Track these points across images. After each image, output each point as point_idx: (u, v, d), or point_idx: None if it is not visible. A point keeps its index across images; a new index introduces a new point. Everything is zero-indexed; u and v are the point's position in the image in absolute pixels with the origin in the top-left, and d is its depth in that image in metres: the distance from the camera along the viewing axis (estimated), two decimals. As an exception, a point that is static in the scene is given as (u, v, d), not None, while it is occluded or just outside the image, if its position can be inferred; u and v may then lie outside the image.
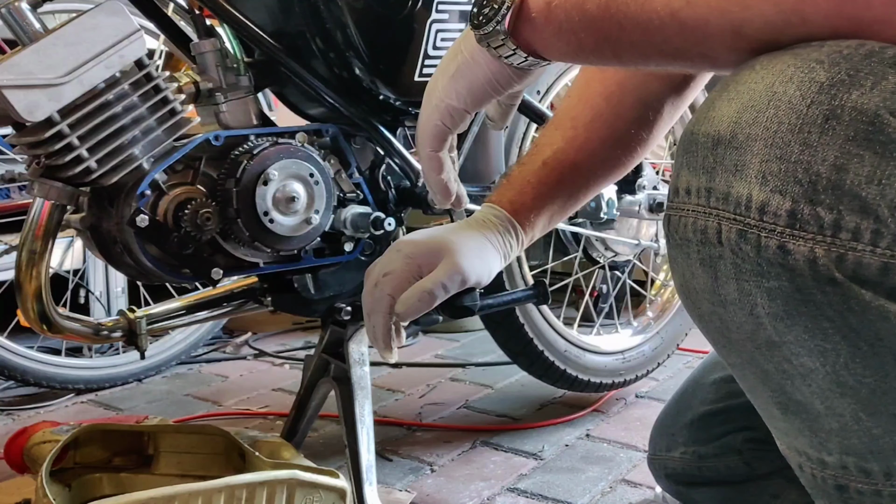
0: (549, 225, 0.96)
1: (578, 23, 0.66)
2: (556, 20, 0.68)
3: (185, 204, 0.98)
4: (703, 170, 0.56)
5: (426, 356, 2.04)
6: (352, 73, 1.08)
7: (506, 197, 0.94)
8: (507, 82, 0.75)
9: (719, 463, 0.99)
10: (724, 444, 0.98)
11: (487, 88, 0.75)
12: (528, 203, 0.93)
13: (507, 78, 0.74)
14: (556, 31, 0.68)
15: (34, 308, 1.01)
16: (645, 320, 1.75)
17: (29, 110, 0.88)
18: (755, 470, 0.97)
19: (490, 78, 0.74)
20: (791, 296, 0.53)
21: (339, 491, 0.99)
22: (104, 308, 1.98)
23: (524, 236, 0.93)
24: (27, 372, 1.69)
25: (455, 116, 0.77)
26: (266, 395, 1.78)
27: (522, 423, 1.55)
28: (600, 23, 0.65)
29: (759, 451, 0.96)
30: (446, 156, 0.81)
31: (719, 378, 1.01)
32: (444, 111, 0.77)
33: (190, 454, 1.11)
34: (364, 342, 1.19)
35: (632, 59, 0.68)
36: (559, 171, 0.94)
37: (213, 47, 1.06)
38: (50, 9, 1.55)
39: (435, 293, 0.86)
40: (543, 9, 0.68)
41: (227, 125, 1.07)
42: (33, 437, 1.14)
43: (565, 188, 0.95)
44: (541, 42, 0.70)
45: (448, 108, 0.76)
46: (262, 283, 1.18)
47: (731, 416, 0.98)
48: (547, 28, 0.68)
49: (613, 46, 0.66)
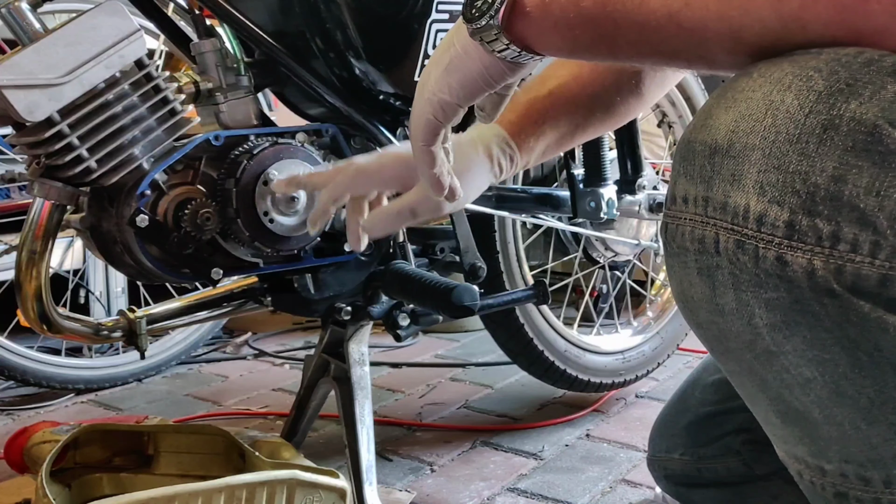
0: (542, 155, 0.96)
1: (574, 19, 0.66)
2: (551, 16, 0.67)
3: (185, 204, 0.98)
4: (701, 179, 0.56)
5: (426, 356, 2.04)
6: (352, 73, 1.08)
7: (507, 118, 0.93)
8: (500, 76, 0.73)
9: (718, 464, 0.99)
10: (723, 445, 0.98)
11: (480, 82, 0.74)
12: (530, 128, 0.93)
13: (501, 72, 0.73)
14: (551, 27, 0.67)
15: (34, 308, 1.01)
16: (645, 320, 1.75)
17: (29, 110, 0.88)
18: (754, 471, 0.97)
19: (483, 72, 0.73)
20: (789, 307, 0.53)
21: (339, 491, 0.99)
22: (104, 308, 1.99)
23: (520, 159, 0.93)
24: (27, 372, 1.69)
25: (447, 111, 0.76)
26: (266, 395, 1.78)
27: (522, 423, 1.55)
28: (596, 20, 0.65)
29: (758, 452, 0.96)
30: (439, 149, 0.80)
31: (718, 379, 1.01)
32: (437, 105, 0.76)
33: (190, 454, 1.12)
34: (364, 342, 1.19)
35: (628, 57, 0.67)
36: (563, 104, 0.95)
37: (213, 47, 1.06)
38: (50, 9, 1.56)
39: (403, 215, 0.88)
40: (538, 4, 0.68)
41: (227, 125, 1.07)
42: (33, 437, 1.14)
43: (566, 121, 0.96)
44: (535, 38, 0.69)
45: (440, 102, 0.75)
46: (262, 283, 1.18)
47: (730, 418, 0.98)
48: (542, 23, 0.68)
49: (609, 44, 0.66)
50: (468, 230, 1.16)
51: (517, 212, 1.37)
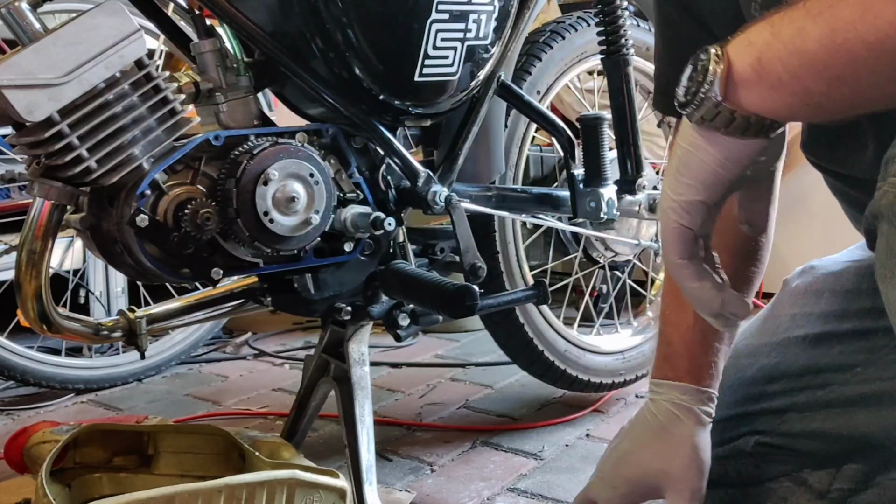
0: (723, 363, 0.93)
1: (799, 68, 0.58)
2: (771, 73, 0.59)
3: (185, 204, 0.98)
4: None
5: (426, 356, 2.04)
6: (352, 73, 1.08)
7: (682, 368, 0.90)
8: (737, 157, 0.65)
9: (729, 465, 0.99)
10: (734, 447, 0.98)
11: (718, 170, 0.65)
12: (704, 363, 0.90)
13: (737, 152, 0.64)
14: (776, 85, 0.60)
15: (34, 308, 1.01)
16: (645, 320, 1.75)
17: (29, 110, 0.88)
18: (764, 473, 0.97)
19: (718, 158, 0.65)
20: None
21: (339, 491, 0.99)
22: (104, 308, 1.98)
23: (715, 392, 0.91)
24: (27, 372, 1.69)
25: (692, 212, 0.67)
26: (266, 395, 1.78)
27: (522, 423, 1.55)
28: (827, 60, 0.56)
29: (769, 454, 0.96)
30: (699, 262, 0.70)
31: (735, 382, 1.00)
32: (678, 209, 0.67)
33: (190, 454, 1.12)
34: (364, 342, 1.19)
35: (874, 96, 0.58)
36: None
37: (213, 47, 1.06)
38: (50, 9, 1.56)
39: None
40: (754, 64, 0.60)
41: (227, 125, 1.07)
42: (33, 437, 1.14)
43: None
44: (759, 102, 0.61)
45: (681, 204, 0.67)
46: (262, 283, 1.18)
47: (746, 421, 0.97)
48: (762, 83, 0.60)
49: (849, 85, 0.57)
50: (468, 230, 1.16)
51: (517, 212, 1.37)
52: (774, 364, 0.98)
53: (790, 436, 0.94)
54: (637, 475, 0.90)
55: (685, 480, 0.86)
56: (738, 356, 1.02)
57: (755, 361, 1.00)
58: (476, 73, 1.18)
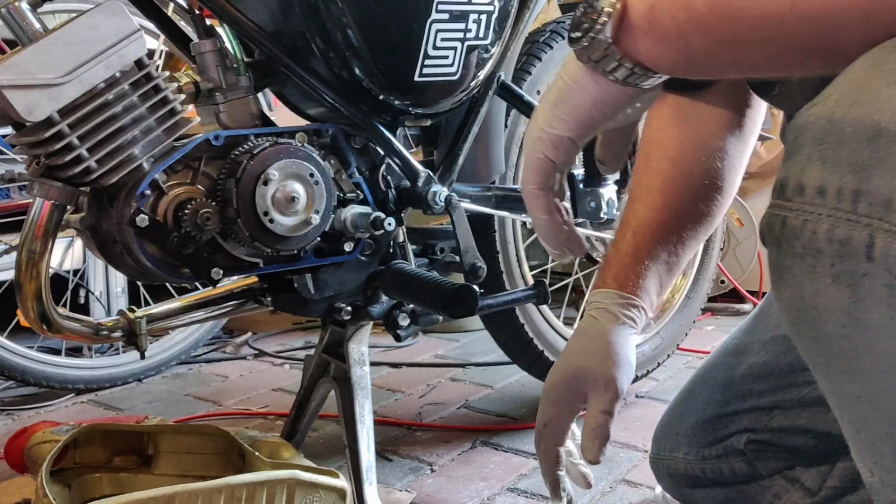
0: (662, 287, 0.94)
1: (685, 24, 0.59)
2: (660, 24, 0.60)
3: (185, 204, 0.98)
4: (851, 167, 0.47)
5: (426, 356, 2.04)
6: (352, 73, 1.08)
7: (609, 276, 0.92)
8: (613, 102, 0.66)
9: (722, 464, 0.99)
10: (727, 445, 0.99)
11: (593, 111, 0.67)
12: (633, 272, 0.91)
13: (614, 97, 0.66)
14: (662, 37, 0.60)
15: (34, 308, 1.01)
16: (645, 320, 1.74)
17: (29, 110, 0.88)
18: (758, 471, 0.97)
19: (595, 98, 0.66)
20: None
21: (339, 491, 0.99)
22: (104, 308, 1.99)
23: (642, 303, 0.91)
24: (27, 372, 1.69)
25: (559, 147, 0.68)
26: (266, 395, 1.78)
27: (522, 423, 1.55)
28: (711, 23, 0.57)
29: (761, 452, 0.96)
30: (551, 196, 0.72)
31: (725, 380, 1.01)
32: (546, 141, 0.69)
33: (190, 454, 1.12)
34: (364, 342, 1.19)
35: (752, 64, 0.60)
36: (650, 235, 0.92)
37: (213, 47, 1.06)
38: (50, 9, 1.56)
39: (606, 424, 0.85)
40: (646, 13, 0.60)
41: (227, 125, 1.07)
42: (33, 437, 1.14)
43: (661, 248, 0.92)
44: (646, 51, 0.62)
45: (550, 137, 0.68)
46: (262, 283, 1.18)
47: (736, 419, 0.98)
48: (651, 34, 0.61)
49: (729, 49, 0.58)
50: (468, 230, 1.16)
51: (517, 212, 1.37)
52: (763, 362, 0.98)
53: (778, 432, 0.95)
54: (563, 380, 0.89)
55: (600, 373, 0.86)
56: (727, 354, 1.03)
57: (744, 359, 1.00)
58: (476, 74, 1.18)
